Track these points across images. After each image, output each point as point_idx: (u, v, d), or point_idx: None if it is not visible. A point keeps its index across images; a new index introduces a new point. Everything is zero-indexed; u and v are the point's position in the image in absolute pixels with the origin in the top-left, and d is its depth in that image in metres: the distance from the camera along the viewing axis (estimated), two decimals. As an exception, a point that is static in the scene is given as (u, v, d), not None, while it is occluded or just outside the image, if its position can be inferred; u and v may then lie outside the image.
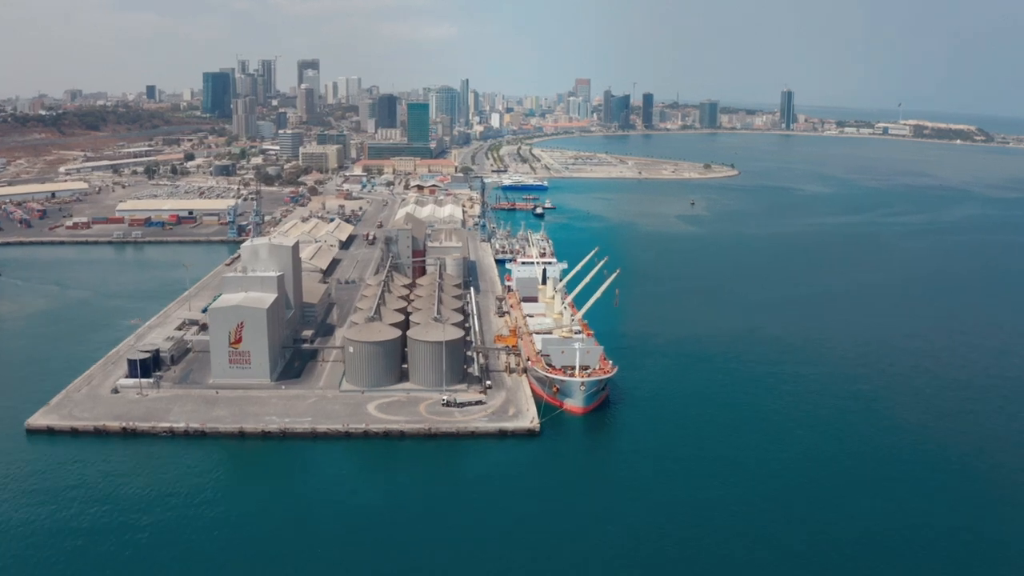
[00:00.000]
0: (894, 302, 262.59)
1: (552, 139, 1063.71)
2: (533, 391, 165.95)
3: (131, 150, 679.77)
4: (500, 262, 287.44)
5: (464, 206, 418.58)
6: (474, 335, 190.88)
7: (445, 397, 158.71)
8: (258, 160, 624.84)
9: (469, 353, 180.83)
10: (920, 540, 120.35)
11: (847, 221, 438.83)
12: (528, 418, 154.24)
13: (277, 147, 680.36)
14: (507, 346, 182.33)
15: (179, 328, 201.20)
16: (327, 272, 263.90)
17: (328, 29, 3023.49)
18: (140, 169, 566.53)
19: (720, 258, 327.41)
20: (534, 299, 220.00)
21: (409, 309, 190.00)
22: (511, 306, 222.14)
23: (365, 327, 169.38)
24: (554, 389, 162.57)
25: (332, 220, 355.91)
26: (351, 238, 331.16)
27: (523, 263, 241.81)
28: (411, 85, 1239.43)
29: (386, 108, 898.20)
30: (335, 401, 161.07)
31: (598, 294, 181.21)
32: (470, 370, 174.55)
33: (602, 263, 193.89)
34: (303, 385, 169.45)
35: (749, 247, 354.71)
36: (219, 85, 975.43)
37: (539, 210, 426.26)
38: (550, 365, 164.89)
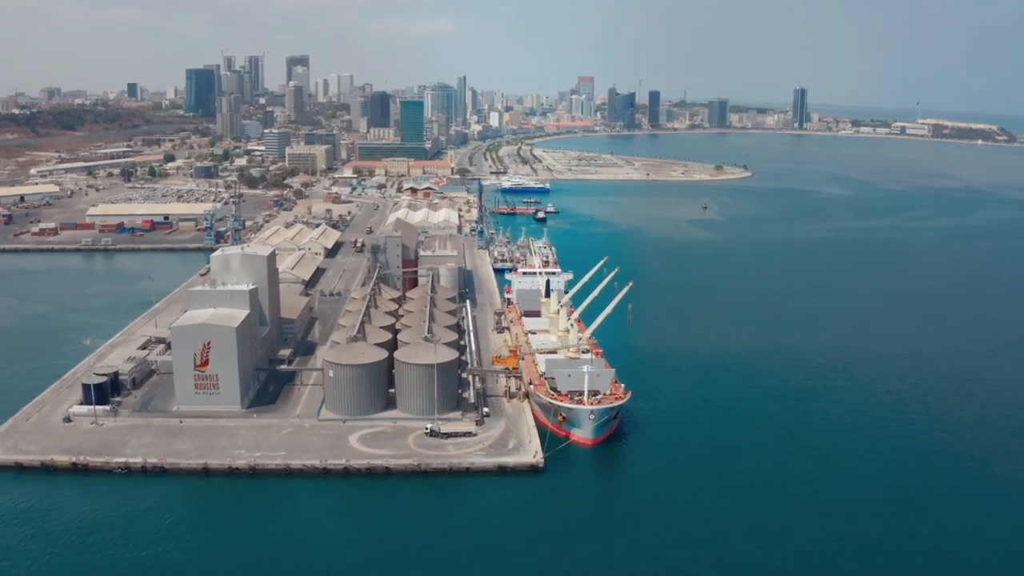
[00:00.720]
0: (929, 314, 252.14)
1: (554, 139, 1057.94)
2: (536, 420, 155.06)
3: (108, 151, 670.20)
4: (499, 271, 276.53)
5: (460, 210, 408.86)
6: (470, 355, 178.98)
7: (429, 426, 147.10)
8: (242, 161, 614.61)
9: (464, 375, 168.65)
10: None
11: (870, 226, 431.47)
12: (531, 452, 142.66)
13: (262, 148, 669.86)
14: (507, 368, 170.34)
15: (143, 347, 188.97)
16: (310, 283, 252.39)
17: (319, 25, 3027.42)
18: (116, 171, 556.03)
19: (738, 267, 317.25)
20: (537, 313, 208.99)
21: (398, 326, 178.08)
22: (511, 321, 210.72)
23: (347, 348, 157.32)
24: (560, 418, 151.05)
25: (318, 225, 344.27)
26: (338, 245, 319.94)
27: (524, 273, 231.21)
28: (406, 83, 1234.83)
29: (379, 106, 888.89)
30: (313, 432, 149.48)
31: (609, 309, 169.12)
32: (465, 395, 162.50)
33: (612, 274, 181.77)
34: (278, 413, 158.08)
35: (768, 254, 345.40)
36: (203, 82, 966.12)
37: (541, 214, 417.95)
38: (554, 390, 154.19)
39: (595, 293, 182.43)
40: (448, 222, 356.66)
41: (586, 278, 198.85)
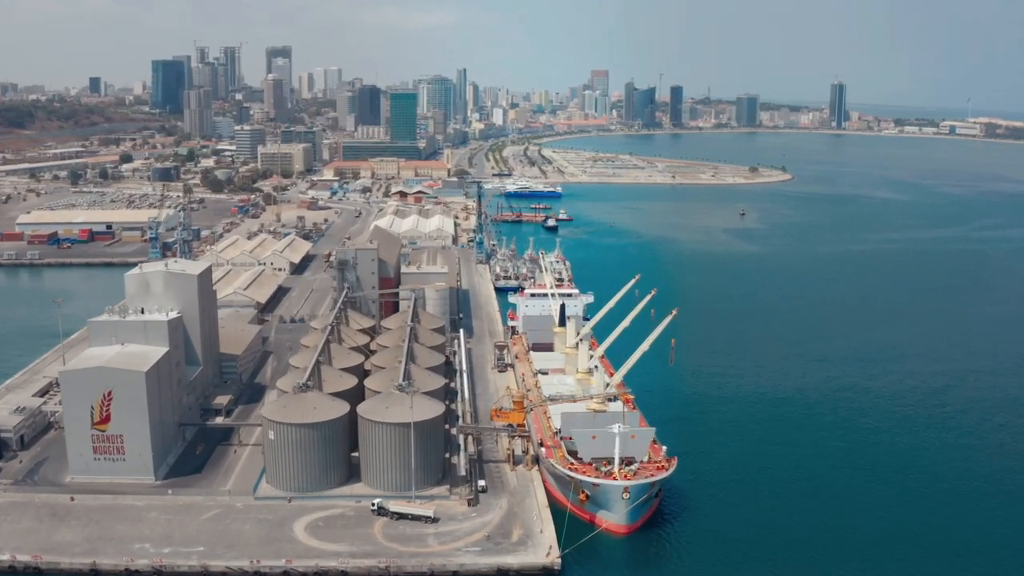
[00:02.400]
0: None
1: (565, 139, 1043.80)
2: (550, 496, 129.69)
3: (59, 151, 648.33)
4: (502, 292, 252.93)
5: (457, 218, 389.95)
6: (461, 405, 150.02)
7: (376, 501, 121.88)
8: (209, 162, 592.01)
9: (453, 431, 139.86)
10: None
11: (938, 236, 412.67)
12: (542, 546, 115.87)
13: (233, 147, 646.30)
14: (509, 425, 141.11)
15: (42, 392, 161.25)
16: (267, 307, 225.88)
17: (308, 17, 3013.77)
18: (64, 173, 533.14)
19: (791, 286, 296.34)
20: (549, 347, 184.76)
21: (368, 366, 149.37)
22: (516, 357, 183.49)
23: (294, 399, 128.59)
24: (582, 496, 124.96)
25: (287, 235, 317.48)
26: (308, 259, 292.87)
27: (533, 295, 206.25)
28: (401, 79, 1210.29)
29: (367, 102, 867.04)
30: (246, 515, 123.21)
31: (645, 345, 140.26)
32: (455, 461, 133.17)
33: (648, 298, 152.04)
34: (203, 487, 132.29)
35: (824, 270, 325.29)
36: (171, 76, 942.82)
37: (551, 222, 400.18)
38: (573, 455, 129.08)
39: (625, 323, 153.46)
40: (441, 231, 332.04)
41: (612, 302, 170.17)
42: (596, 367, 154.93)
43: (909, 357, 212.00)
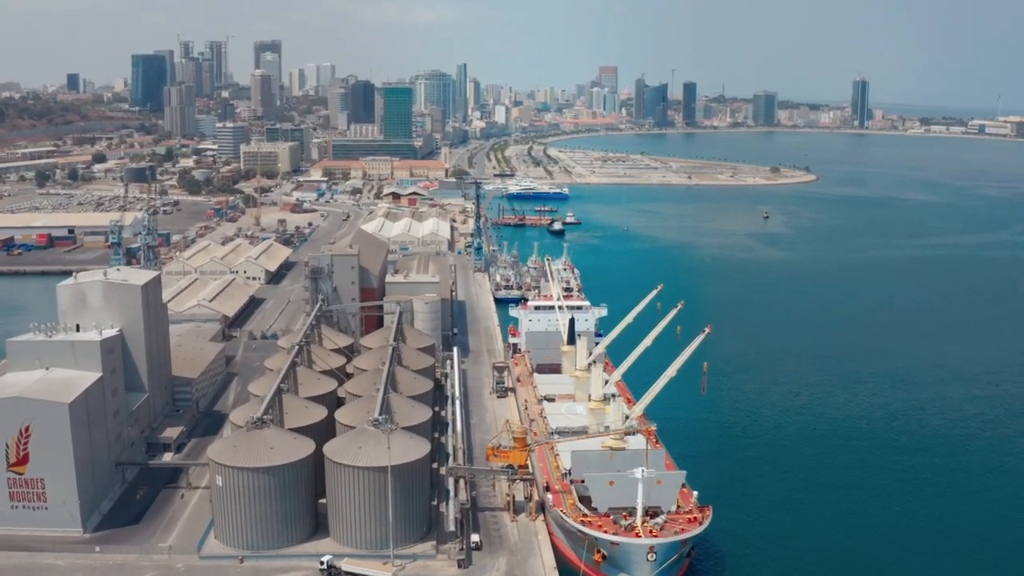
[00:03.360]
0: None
1: (572, 138, 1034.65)
2: (558, 555, 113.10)
3: (29, 151, 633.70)
4: (502, 303, 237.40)
5: (454, 221, 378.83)
6: (452, 439, 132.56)
7: (325, 559, 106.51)
8: (189, 162, 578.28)
9: (443, 471, 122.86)
10: None
11: (979, 241, 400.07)
12: None
13: (215, 147, 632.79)
14: (509, 466, 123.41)
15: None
16: (236, 321, 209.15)
17: (302, 13, 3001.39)
18: (31, 174, 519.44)
19: (828, 295, 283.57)
20: (556, 368, 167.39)
21: (342, 394, 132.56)
22: (518, 380, 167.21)
23: (248, 437, 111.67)
24: (597, 556, 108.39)
25: (266, 240, 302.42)
26: (287, 267, 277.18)
27: (537, 307, 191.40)
28: (397, 76, 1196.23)
29: (361, 99, 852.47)
30: None
31: (672, 370, 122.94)
32: (443, 510, 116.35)
33: (674, 312, 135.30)
34: (139, 541, 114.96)
35: (862, 279, 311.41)
36: (152, 71, 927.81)
37: (558, 225, 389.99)
38: (587, 504, 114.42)
39: (647, 342, 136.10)
40: (436, 235, 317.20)
41: (630, 317, 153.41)
42: (614, 395, 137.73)
43: (966, 377, 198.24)
